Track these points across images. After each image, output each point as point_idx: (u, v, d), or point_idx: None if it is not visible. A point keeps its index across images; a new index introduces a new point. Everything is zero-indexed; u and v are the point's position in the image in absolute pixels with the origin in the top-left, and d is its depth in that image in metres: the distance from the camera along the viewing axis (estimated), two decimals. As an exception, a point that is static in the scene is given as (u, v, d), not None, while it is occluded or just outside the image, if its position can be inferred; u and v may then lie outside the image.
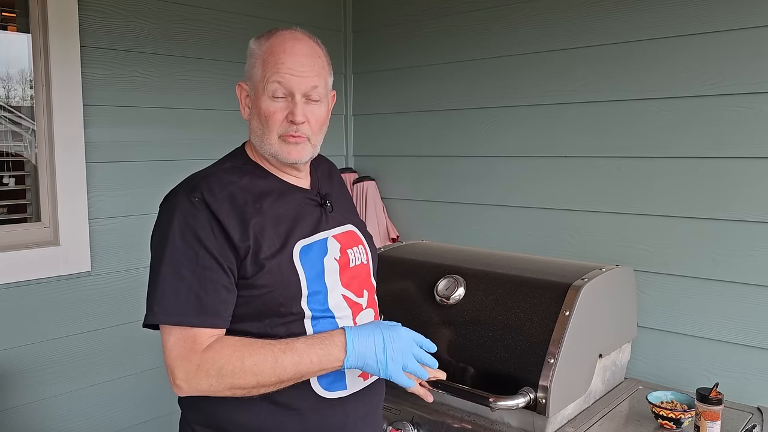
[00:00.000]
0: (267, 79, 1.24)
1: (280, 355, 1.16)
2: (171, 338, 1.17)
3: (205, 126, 2.43)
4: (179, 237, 1.18)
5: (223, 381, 1.15)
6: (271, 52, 1.26)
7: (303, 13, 2.73)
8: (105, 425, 2.24)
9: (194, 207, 1.19)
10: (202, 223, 1.18)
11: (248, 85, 1.30)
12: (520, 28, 2.35)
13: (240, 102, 1.33)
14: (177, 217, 1.19)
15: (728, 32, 1.90)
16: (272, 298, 1.22)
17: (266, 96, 1.25)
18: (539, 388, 1.58)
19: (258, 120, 1.27)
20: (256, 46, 1.29)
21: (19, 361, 2.02)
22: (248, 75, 1.30)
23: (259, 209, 1.24)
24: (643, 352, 2.10)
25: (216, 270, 1.18)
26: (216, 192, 1.22)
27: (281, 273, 1.22)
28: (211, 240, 1.18)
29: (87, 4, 2.08)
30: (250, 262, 1.20)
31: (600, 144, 2.18)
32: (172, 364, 1.17)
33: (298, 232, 1.27)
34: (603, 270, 1.81)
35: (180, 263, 1.17)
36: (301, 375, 1.18)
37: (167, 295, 1.16)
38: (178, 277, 1.17)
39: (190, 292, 1.16)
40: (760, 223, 1.88)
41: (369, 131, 2.91)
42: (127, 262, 2.24)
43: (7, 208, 2.13)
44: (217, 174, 1.28)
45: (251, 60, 1.29)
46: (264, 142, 1.27)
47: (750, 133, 1.88)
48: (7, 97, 2.11)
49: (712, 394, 1.58)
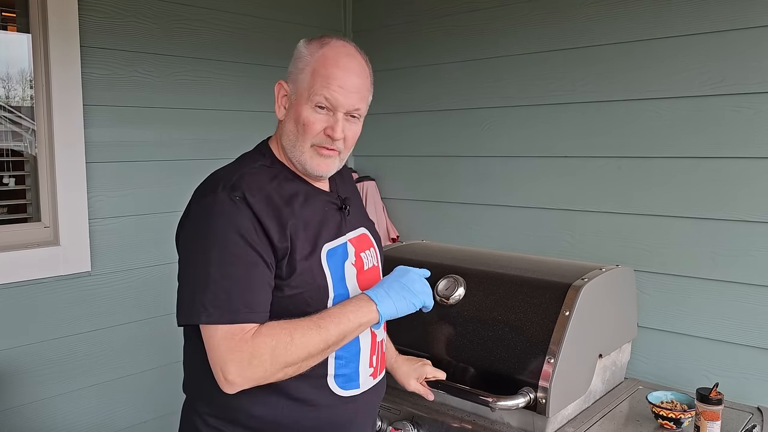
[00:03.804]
0: (314, 90, 1.25)
1: (320, 322, 1.19)
2: (218, 334, 1.16)
3: (205, 126, 2.43)
4: (224, 236, 1.17)
5: (276, 362, 1.15)
6: (324, 64, 1.26)
7: (303, 13, 2.73)
8: (105, 425, 2.24)
9: (236, 206, 1.19)
10: (245, 221, 1.18)
11: (290, 87, 1.30)
12: (520, 28, 2.35)
13: (276, 100, 1.32)
14: (219, 215, 1.19)
15: (728, 32, 1.90)
16: (301, 299, 1.24)
17: (309, 105, 1.26)
18: (539, 388, 1.58)
19: (294, 125, 1.28)
20: (308, 51, 1.29)
21: (19, 361, 2.02)
22: (293, 77, 1.29)
23: (292, 212, 1.25)
24: (643, 352, 2.10)
25: (262, 266, 1.19)
26: (255, 192, 1.22)
27: (312, 276, 1.24)
28: (255, 238, 1.18)
29: (87, 4, 2.08)
30: (286, 264, 1.21)
31: (600, 144, 2.18)
32: (223, 359, 1.15)
33: (324, 235, 1.29)
34: (603, 270, 1.81)
35: (228, 262, 1.17)
36: (344, 336, 1.22)
37: (219, 295, 1.15)
38: (227, 276, 1.16)
39: (241, 291, 1.17)
40: (759, 223, 1.88)
41: (369, 131, 2.89)
42: (127, 262, 2.24)
43: (7, 208, 2.13)
44: (252, 173, 1.27)
45: (299, 64, 1.28)
46: (296, 148, 1.29)
47: (750, 133, 1.88)
48: (7, 97, 2.11)
49: (712, 394, 1.58)
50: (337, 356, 1.29)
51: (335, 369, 1.29)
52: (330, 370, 1.28)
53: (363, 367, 1.34)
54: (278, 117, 1.34)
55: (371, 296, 1.25)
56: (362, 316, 1.23)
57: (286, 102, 1.31)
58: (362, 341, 1.33)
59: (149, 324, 2.32)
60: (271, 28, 2.61)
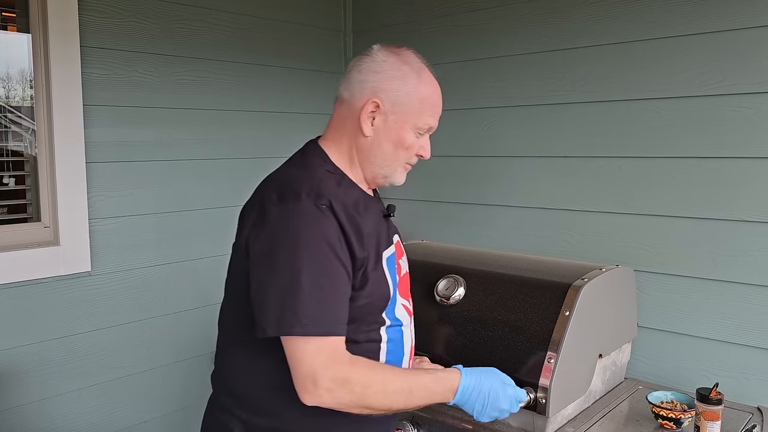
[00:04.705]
0: (421, 118, 1.30)
1: (413, 387, 1.22)
2: (310, 347, 1.14)
3: (205, 126, 2.43)
4: (312, 245, 1.15)
5: (363, 400, 1.15)
6: (430, 94, 1.32)
7: (303, 13, 2.73)
8: (105, 425, 2.24)
9: (323, 214, 1.17)
10: (331, 231, 1.17)
11: (387, 107, 1.28)
12: (520, 28, 2.35)
13: (363, 114, 1.28)
14: (305, 223, 1.16)
15: (728, 32, 1.90)
16: (368, 308, 1.25)
17: (413, 130, 1.30)
18: (539, 388, 1.58)
19: (393, 146, 1.30)
20: (415, 75, 1.31)
21: (19, 361, 2.02)
22: (392, 97, 1.28)
23: (362, 221, 1.24)
24: (643, 352, 2.10)
25: (345, 280, 1.18)
26: (337, 200, 1.21)
27: (379, 284, 1.26)
28: (340, 249, 1.17)
29: (87, 4, 2.08)
30: (361, 274, 1.22)
31: (600, 144, 2.18)
32: (316, 373, 1.13)
33: (382, 243, 1.30)
34: (603, 270, 1.81)
35: (318, 273, 1.15)
36: (418, 407, 1.24)
37: (312, 307, 1.14)
38: (318, 287, 1.14)
39: (329, 301, 1.16)
40: (760, 223, 1.88)
41: (369, 131, 2.90)
42: (127, 262, 2.24)
43: (7, 208, 2.13)
44: (327, 180, 1.26)
45: (402, 87, 1.28)
46: (388, 165, 1.32)
47: (750, 133, 1.88)
48: (7, 97, 2.11)
49: (712, 394, 1.58)
50: (387, 362, 1.30)
51: None
52: None
53: None
54: (365, 134, 1.29)
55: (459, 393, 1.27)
56: (441, 399, 1.26)
57: (378, 119, 1.29)
58: (405, 346, 1.35)
59: (149, 324, 2.32)
60: (271, 28, 2.61)
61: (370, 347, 1.28)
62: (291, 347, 1.15)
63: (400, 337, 1.34)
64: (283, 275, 1.15)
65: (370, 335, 1.28)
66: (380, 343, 1.29)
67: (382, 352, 1.30)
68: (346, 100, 1.31)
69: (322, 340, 1.14)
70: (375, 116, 1.28)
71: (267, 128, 2.63)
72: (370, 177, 1.34)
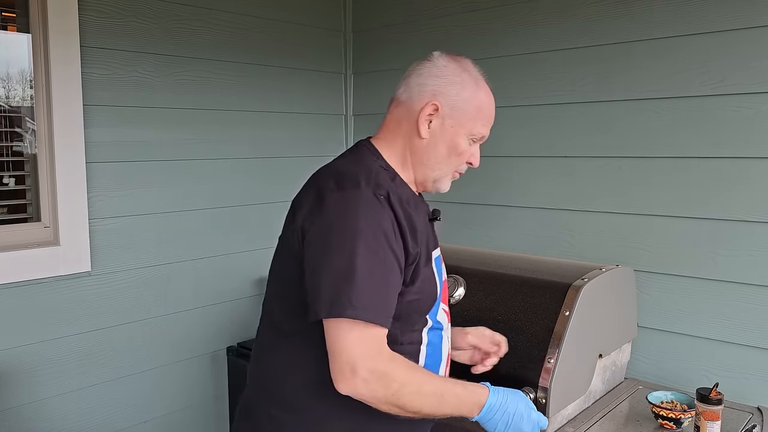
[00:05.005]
0: (475, 126, 1.32)
1: (445, 393, 1.20)
2: (353, 334, 1.13)
3: (205, 126, 2.43)
4: (370, 233, 1.15)
5: (397, 397, 1.14)
6: (487, 104, 1.35)
7: (303, 13, 2.73)
8: (105, 425, 2.24)
9: (381, 205, 1.18)
10: (387, 222, 1.18)
11: (445, 111, 1.29)
12: (520, 28, 2.35)
13: (421, 115, 1.29)
14: (363, 210, 1.17)
15: (728, 32, 1.90)
16: (416, 306, 1.25)
17: (467, 137, 1.32)
18: (539, 388, 1.58)
19: (447, 150, 1.31)
20: (474, 83, 1.32)
21: (19, 361, 2.02)
22: (451, 101, 1.29)
23: (416, 217, 1.25)
24: (643, 352, 2.10)
25: (396, 273, 1.18)
26: (394, 193, 1.21)
27: (429, 282, 1.26)
28: (394, 241, 1.18)
29: (87, 4, 2.08)
30: (413, 269, 1.21)
31: (600, 144, 2.18)
32: (356, 362, 1.12)
33: (431, 243, 1.31)
34: (603, 270, 1.81)
35: (372, 261, 1.15)
36: (445, 415, 1.21)
37: (365, 291, 1.13)
38: (371, 274, 1.14)
39: (379, 290, 1.15)
40: (760, 223, 1.88)
41: (369, 131, 2.89)
42: (127, 262, 2.24)
43: (7, 208, 2.13)
44: (382, 173, 1.26)
45: (463, 93, 1.30)
46: (439, 168, 1.32)
47: (750, 133, 1.88)
48: (7, 97, 2.11)
49: (712, 394, 1.58)
50: (425, 365, 1.30)
51: None
52: None
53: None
54: (422, 135, 1.30)
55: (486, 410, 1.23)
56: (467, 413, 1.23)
57: (435, 122, 1.30)
58: (443, 352, 1.35)
59: (149, 324, 2.32)
60: (271, 28, 2.61)
61: (411, 349, 1.27)
62: (335, 332, 1.14)
63: (440, 342, 1.33)
64: (339, 259, 1.14)
65: (412, 336, 1.27)
66: (420, 346, 1.29)
67: (422, 355, 1.29)
68: (404, 102, 1.33)
69: (368, 329, 1.14)
70: (432, 119, 1.29)
71: (267, 128, 2.63)
72: (420, 179, 1.34)
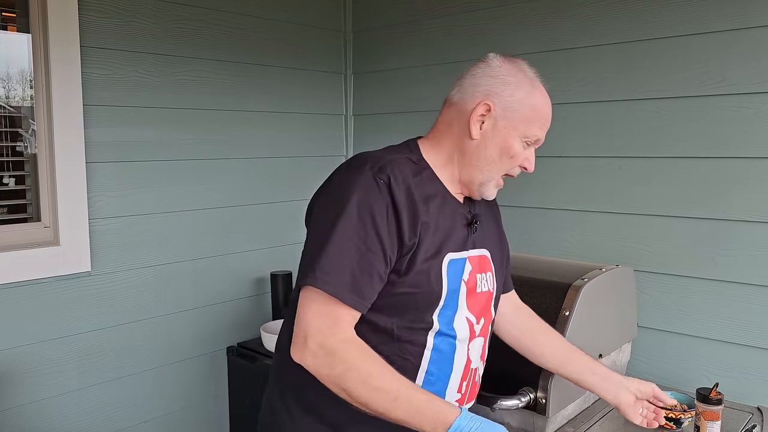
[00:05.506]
0: (531, 128, 1.28)
1: (399, 395, 1.14)
2: (314, 305, 1.16)
3: (205, 126, 2.43)
4: (356, 211, 1.17)
5: (339, 381, 1.14)
6: (543, 105, 1.30)
7: (303, 13, 2.73)
8: (105, 425, 2.24)
9: (378, 188, 1.19)
10: (381, 206, 1.18)
11: (498, 112, 1.26)
12: (520, 28, 2.35)
13: (473, 116, 1.27)
14: (359, 190, 1.18)
15: (728, 32, 1.90)
16: (412, 300, 1.23)
17: (521, 139, 1.28)
18: (539, 388, 1.58)
19: (499, 153, 1.28)
20: (529, 83, 1.28)
21: (19, 361, 2.02)
22: (504, 102, 1.26)
23: (427, 211, 1.24)
24: (643, 352, 2.10)
25: (378, 255, 1.17)
26: (399, 181, 1.21)
27: (428, 280, 1.23)
28: (384, 226, 1.18)
29: (87, 4, 2.08)
30: (408, 260, 1.20)
31: (600, 144, 2.18)
32: (308, 333, 1.15)
33: (450, 244, 1.27)
34: (603, 270, 1.81)
35: (349, 237, 1.16)
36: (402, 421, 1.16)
37: (330, 264, 1.15)
38: (344, 249, 1.16)
39: (349, 267, 1.16)
40: (760, 223, 1.88)
41: (369, 131, 2.91)
42: (127, 262, 2.24)
43: (7, 208, 2.13)
44: (399, 163, 1.25)
45: (516, 93, 1.27)
46: (488, 171, 1.29)
47: (750, 133, 1.88)
48: (7, 97, 2.11)
49: (712, 394, 1.58)
50: (428, 371, 1.26)
51: (422, 383, 1.26)
52: (417, 383, 1.26)
53: (450, 391, 1.30)
54: (473, 137, 1.28)
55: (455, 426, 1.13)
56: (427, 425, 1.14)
57: (487, 123, 1.27)
58: (456, 362, 1.30)
59: (149, 324, 2.32)
60: (271, 28, 2.61)
61: (412, 350, 1.25)
62: (302, 300, 1.17)
63: (451, 351, 1.29)
64: (321, 232, 1.19)
65: (414, 336, 1.24)
66: (424, 349, 1.25)
67: (424, 359, 1.26)
68: (456, 103, 1.31)
69: (329, 304, 1.15)
70: (485, 119, 1.27)
71: (267, 128, 2.63)
72: (466, 180, 1.31)
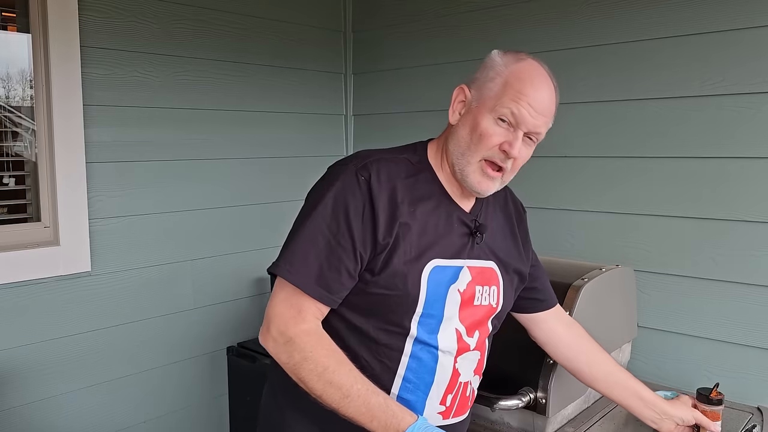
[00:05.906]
0: (502, 102, 1.20)
1: (355, 395, 1.13)
2: (282, 294, 1.19)
3: (205, 126, 2.43)
4: (331, 206, 1.18)
5: (296, 370, 1.16)
6: (518, 78, 1.21)
7: (303, 13, 2.73)
8: (105, 425, 2.24)
9: (357, 184, 1.19)
10: (357, 202, 1.18)
11: (472, 93, 1.24)
12: (520, 28, 2.35)
13: (452, 103, 1.27)
14: (338, 185, 1.20)
15: (728, 32, 1.90)
16: (385, 302, 1.21)
17: (492, 116, 1.20)
18: (539, 388, 1.58)
19: (469, 133, 1.23)
20: (502, 61, 1.24)
21: (19, 361, 2.02)
22: (478, 84, 1.24)
23: (413, 213, 1.22)
24: (643, 352, 2.10)
25: (348, 252, 1.18)
26: (382, 180, 1.21)
27: (404, 283, 1.20)
28: (357, 223, 1.18)
29: (87, 4, 2.08)
30: (381, 260, 1.19)
31: (600, 144, 2.18)
32: (272, 319, 1.19)
33: (437, 250, 1.23)
34: (603, 270, 1.81)
35: (320, 230, 1.18)
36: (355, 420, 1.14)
37: (297, 254, 1.18)
38: (313, 241, 1.18)
39: (316, 260, 1.17)
40: (760, 223, 1.88)
41: (369, 131, 2.91)
42: (127, 262, 2.24)
43: (7, 208, 2.13)
44: (389, 162, 1.25)
45: (489, 72, 1.23)
46: (464, 157, 1.24)
47: (750, 133, 1.88)
48: (7, 97, 2.11)
49: (713, 394, 1.58)
50: (405, 378, 1.24)
51: (399, 390, 1.24)
52: (393, 389, 1.24)
53: (431, 402, 1.26)
54: (450, 122, 1.27)
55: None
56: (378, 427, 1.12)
57: (463, 108, 1.26)
58: (439, 373, 1.25)
59: (149, 324, 2.32)
60: (271, 28, 2.61)
61: (389, 353, 1.23)
62: (274, 288, 1.21)
63: (432, 362, 1.24)
64: (296, 224, 1.22)
65: (390, 338, 1.22)
66: (401, 355, 1.23)
67: (401, 365, 1.23)
68: None
69: (295, 295, 1.18)
70: (462, 105, 1.26)
71: (267, 128, 2.63)
72: (456, 174, 1.27)
